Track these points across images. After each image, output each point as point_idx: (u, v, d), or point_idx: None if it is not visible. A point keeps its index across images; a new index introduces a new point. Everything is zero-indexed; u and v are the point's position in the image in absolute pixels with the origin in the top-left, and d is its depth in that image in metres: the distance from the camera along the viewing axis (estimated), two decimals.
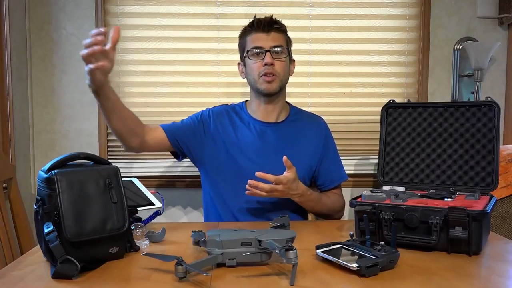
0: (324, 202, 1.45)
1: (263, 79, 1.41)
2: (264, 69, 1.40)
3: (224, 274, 0.89)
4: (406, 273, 0.90)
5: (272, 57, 1.40)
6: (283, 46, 1.44)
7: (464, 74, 2.07)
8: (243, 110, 1.54)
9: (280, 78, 1.43)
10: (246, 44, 1.45)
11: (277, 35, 1.43)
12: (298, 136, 1.50)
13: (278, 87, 1.44)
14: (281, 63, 1.43)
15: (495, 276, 0.89)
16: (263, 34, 1.42)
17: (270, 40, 1.42)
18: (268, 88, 1.42)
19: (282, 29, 1.46)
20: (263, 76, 1.41)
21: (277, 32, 1.44)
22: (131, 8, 1.99)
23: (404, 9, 2.06)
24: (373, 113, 2.04)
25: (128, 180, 1.31)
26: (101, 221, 0.94)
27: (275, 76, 1.42)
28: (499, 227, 1.73)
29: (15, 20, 1.88)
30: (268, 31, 1.42)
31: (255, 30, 1.43)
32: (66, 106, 2.02)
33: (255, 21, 1.44)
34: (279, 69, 1.42)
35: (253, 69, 1.43)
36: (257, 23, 1.43)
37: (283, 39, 1.45)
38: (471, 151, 1.24)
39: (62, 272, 0.87)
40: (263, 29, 1.42)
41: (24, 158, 1.96)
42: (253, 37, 1.43)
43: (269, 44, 1.41)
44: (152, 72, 2.02)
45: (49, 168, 0.94)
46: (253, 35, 1.43)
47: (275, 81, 1.42)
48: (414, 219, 1.05)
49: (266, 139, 1.48)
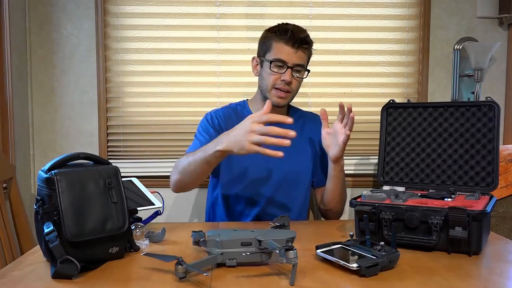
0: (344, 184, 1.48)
1: (276, 93, 1.40)
2: (280, 83, 1.39)
3: (224, 274, 0.89)
4: (406, 273, 0.90)
5: (292, 75, 1.39)
6: (304, 66, 1.43)
7: (464, 74, 2.07)
8: (246, 110, 1.53)
9: (292, 94, 1.44)
10: (271, 49, 1.41)
11: (302, 54, 1.41)
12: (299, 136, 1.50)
13: (288, 102, 1.45)
14: (297, 82, 1.43)
15: (495, 276, 0.89)
16: (291, 49, 1.38)
17: (295, 58, 1.39)
18: (279, 102, 1.42)
19: (308, 48, 1.44)
20: (277, 90, 1.40)
21: (304, 51, 1.41)
22: (131, 8, 1.99)
23: (404, 9, 2.06)
24: (373, 113, 2.04)
25: (128, 180, 1.31)
26: (101, 221, 0.94)
27: (288, 93, 1.41)
28: (499, 227, 1.73)
29: (15, 20, 1.88)
30: (296, 48, 1.38)
31: (285, 41, 1.38)
32: (66, 106, 2.02)
33: (289, 30, 1.38)
34: (294, 87, 1.43)
35: (269, 77, 1.41)
36: (288, 36, 1.37)
37: (306, 58, 1.44)
38: (471, 151, 1.24)
39: (62, 272, 0.87)
40: (293, 44, 1.38)
41: (24, 158, 1.96)
42: (280, 47, 1.39)
43: (293, 61, 1.39)
44: (152, 72, 2.02)
45: (49, 168, 0.94)
46: (281, 44, 1.39)
47: (287, 97, 1.43)
48: (414, 219, 1.05)
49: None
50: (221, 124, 1.47)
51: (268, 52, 1.42)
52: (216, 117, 1.49)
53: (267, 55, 1.42)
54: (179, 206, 2.07)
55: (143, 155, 2.05)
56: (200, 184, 1.98)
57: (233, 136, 1.12)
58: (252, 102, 1.55)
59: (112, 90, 2.03)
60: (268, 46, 1.42)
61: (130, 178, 1.34)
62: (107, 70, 2.02)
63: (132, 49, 2.01)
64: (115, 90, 2.03)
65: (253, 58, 1.50)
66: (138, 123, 2.04)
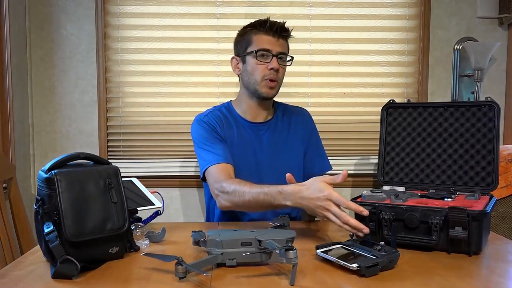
0: None
1: (266, 83, 1.41)
2: (269, 73, 1.40)
3: (224, 274, 0.89)
4: (406, 273, 0.90)
5: (277, 62, 1.41)
6: (286, 54, 1.45)
7: (464, 74, 2.07)
8: (231, 111, 1.52)
9: (279, 84, 1.45)
10: (252, 42, 1.43)
11: (284, 42, 1.44)
12: (287, 132, 1.52)
13: (276, 92, 1.46)
14: (282, 70, 1.45)
15: (495, 276, 0.89)
16: (272, 38, 1.41)
17: (278, 46, 1.41)
18: (268, 93, 1.43)
19: (288, 37, 1.46)
20: (267, 80, 1.41)
21: (285, 40, 1.45)
22: (131, 8, 1.99)
23: (404, 9, 2.06)
24: (373, 113, 2.04)
25: (128, 180, 1.31)
26: (101, 221, 0.94)
27: (276, 82, 1.43)
28: (499, 227, 1.73)
29: (15, 20, 1.88)
30: (278, 37, 1.41)
31: (266, 31, 1.40)
32: (66, 106, 2.02)
33: (268, 22, 1.41)
34: (281, 76, 1.44)
35: (257, 70, 1.41)
36: (270, 25, 1.40)
37: (287, 46, 1.47)
38: (471, 151, 1.24)
39: (62, 272, 0.87)
40: (274, 33, 1.40)
41: (24, 158, 1.96)
42: (262, 38, 1.41)
43: (277, 49, 1.41)
44: (152, 72, 2.02)
45: (49, 168, 0.94)
46: (262, 35, 1.41)
47: (276, 87, 1.44)
48: (414, 219, 1.05)
49: (259, 140, 1.48)
50: (214, 122, 1.47)
51: (249, 46, 1.43)
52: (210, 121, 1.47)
53: (249, 48, 1.43)
54: (179, 206, 2.07)
55: (143, 155, 2.05)
56: (200, 185, 2.00)
57: (310, 203, 1.09)
58: (236, 103, 1.54)
59: (112, 90, 2.03)
60: (248, 40, 1.44)
61: (130, 178, 1.34)
62: (107, 70, 2.01)
63: (132, 49, 2.01)
64: (115, 90, 2.03)
65: (232, 58, 1.51)
66: (138, 123, 2.04)
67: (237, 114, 1.51)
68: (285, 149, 1.49)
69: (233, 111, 1.52)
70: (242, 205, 1.26)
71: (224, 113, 1.51)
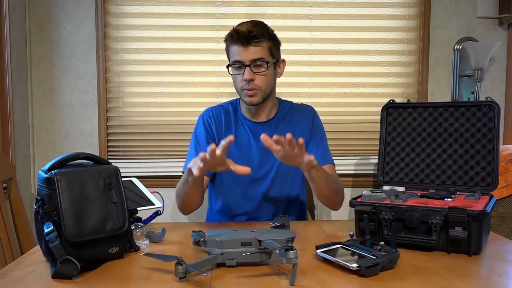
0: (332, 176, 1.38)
1: (245, 93, 1.40)
2: (244, 84, 1.38)
3: (224, 274, 0.89)
4: (406, 273, 0.90)
5: (252, 71, 1.36)
6: (263, 59, 1.37)
7: (464, 74, 2.07)
8: (237, 109, 1.52)
9: (262, 90, 1.40)
10: (229, 54, 1.42)
11: (256, 48, 1.36)
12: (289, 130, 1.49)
13: (261, 98, 1.41)
14: (261, 77, 1.38)
15: (495, 276, 0.89)
16: (242, 47, 1.36)
17: (250, 54, 1.35)
18: (251, 101, 1.41)
19: (262, 40, 1.37)
20: (245, 91, 1.39)
21: (256, 45, 1.36)
22: (131, 8, 1.99)
23: (404, 9, 2.06)
24: (373, 113, 2.04)
25: (128, 180, 1.32)
26: (101, 221, 0.94)
27: (256, 90, 1.38)
28: (499, 227, 1.73)
29: (15, 20, 1.88)
30: (246, 45, 1.35)
31: (234, 42, 1.37)
32: (66, 106, 2.02)
33: (232, 33, 1.37)
34: (259, 83, 1.38)
35: (235, 82, 1.43)
36: (235, 36, 1.36)
37: (264, 50, 1.38)
38: (471, 151, 1.24)
39: (62, 272, 0.87)
40: (242, 42, 1.35)
41: (24, 158, 1.96)
42: (233, 50, 1.38)
43: (248, 58, 1.36)
44: (152, 72, 2.02)
45: (49, 168, 0.94)
46: (233, 46, 1.39)
47: (257, 94, 1.39)
48: (414, 219, 1.05)
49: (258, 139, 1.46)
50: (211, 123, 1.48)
51: (228, 57, 1.43)
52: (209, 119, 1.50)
53: (229, 60, 1.43)
54: None
55: (143, 155, 2.05)
56: None
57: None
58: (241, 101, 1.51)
59: (112, 90, 2.03)
60: (227, 53, 1.44)
61: (130, 178, 1.34)
62: (107, 70, 2.01)
63: (132, 49, 2.01)
64: (115, 90, 2.03)
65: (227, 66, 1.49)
66: (138, 123, 2.04)
67: (241, 113, 1.51)
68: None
69: (238, 109, 1.52)
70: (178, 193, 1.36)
71: (229, 111, 1.52)
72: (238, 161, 1.43)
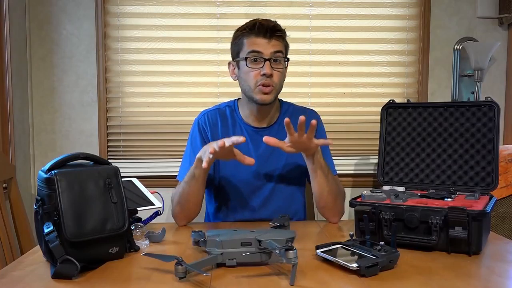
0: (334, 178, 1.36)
1: (260, 89, 1.33)
2: (262, 79, 1.32)
3: (224, 274, 0.89)
4: (406, 273, 0.90)
5: (271, 66, 1.33)
6: (283, 53, 1.35)
7: (464, 74, 2.07)
8: (235, 112, 1.46)
9: (276, 88, 1.36)
10: (243, 46, 1.36)
11: (278, 42, 1.34)
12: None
13: (274, 97, 1.37)
14: (278, 73, 1.34)
15: (495, 276, 0.89)
16: (264, 39, 1.32)
17: (271, 47, 1.32)
18: (264, 99, 1.34)
19: (283, 36, 1.36)
20: (260, 86, 1.33)
21: (278, 39, 1.34)
22: (131, 8, 1.99)
23: (404, 9, 2.06)
24: (373, 113, 2.04)
25: (128, 180, 1.31)
26: (101, 221, 0.94)
27: (272, 87, 1.34)
28: (499, 227, 1.73)
29: (15, 20, 1.88)
30: (270, 38, 1.32)
31: (255, 34, 1.33)
32: (66, 106, 2.02)
33: (257, 23, 1.33)
34: (276, 80, 1.34)
35: (249, 76, 1.34)
36: (259, 27, 1.31)
37: (282, 45, 1.36)
38: (471, 151, 1.24)
39: (62, 272, 0.87)
40: (265, 34, 1.31)
41: (24, 158, 1.96)
42: (252, 41, 1.33)
43: (269, 51, 1.32)
44: (152, 72, 2.02)
45: (49, 168, 0.94)
46: (252, 38, 1.34)
47: (272, 92, 1.34)
48: (414, 219, 1.05)
49: (259, 145, 1.41)
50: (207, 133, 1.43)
51: (241, 50, 1.36)
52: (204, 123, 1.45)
53: (241, 53, 1.36)
54: None
55: (143, 155, 2.05)
56: None
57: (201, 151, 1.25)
58: (241, 105, 1.47)
59: (112, 90, 2.03)
60: (240, 44, 1.37)
61: (130, 178, 1.34)
62: (107, 70, 2.02)
63: (132, 49, 2.01)
64: (115, 90, 2.03)
65: (228, 63, 1.44)
66: (138, 123, 2.04)
67: (240, 118, 1.45)
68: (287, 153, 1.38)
69: (236, 113, 1.46)
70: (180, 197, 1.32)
71: (226, 115, 1.46)
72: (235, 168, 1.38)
